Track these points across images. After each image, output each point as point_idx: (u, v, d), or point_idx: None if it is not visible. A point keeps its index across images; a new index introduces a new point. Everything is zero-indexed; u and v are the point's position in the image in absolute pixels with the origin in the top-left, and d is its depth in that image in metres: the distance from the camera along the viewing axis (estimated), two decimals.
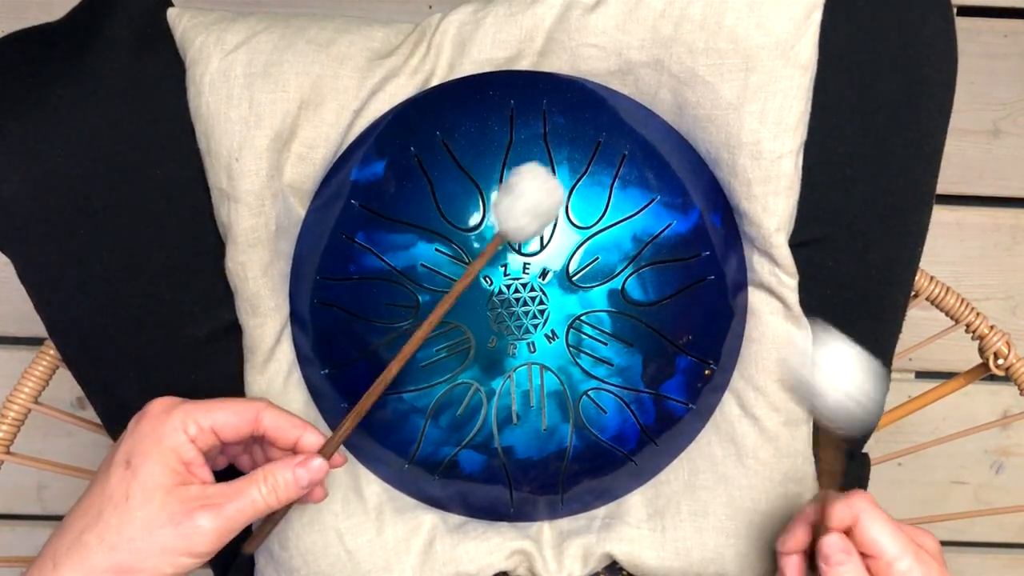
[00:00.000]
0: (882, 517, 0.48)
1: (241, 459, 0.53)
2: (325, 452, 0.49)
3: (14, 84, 0.54)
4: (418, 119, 0.54)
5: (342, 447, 0.52)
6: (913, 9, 0.54)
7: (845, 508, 0.48)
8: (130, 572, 0.44)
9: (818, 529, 0.49)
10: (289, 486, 0.47)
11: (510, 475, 0.56)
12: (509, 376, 0.54)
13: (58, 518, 0.74)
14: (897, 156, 0.56)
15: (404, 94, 0.55)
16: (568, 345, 0.54)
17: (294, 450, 0.49)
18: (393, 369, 0.49)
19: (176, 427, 0.46)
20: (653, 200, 0.54)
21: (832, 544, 0.47)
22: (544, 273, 0.53)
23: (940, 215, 0.99)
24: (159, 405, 0.47)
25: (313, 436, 0.49)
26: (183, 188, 0.55)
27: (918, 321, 0.73)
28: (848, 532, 0.48)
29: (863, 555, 0.48)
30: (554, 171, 0.53)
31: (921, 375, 1.06)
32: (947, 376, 0.72)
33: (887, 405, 0.64)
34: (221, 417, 0.47)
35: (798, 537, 0.50)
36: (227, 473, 0.51)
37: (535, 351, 0.54)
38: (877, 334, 0.60)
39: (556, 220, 0.52)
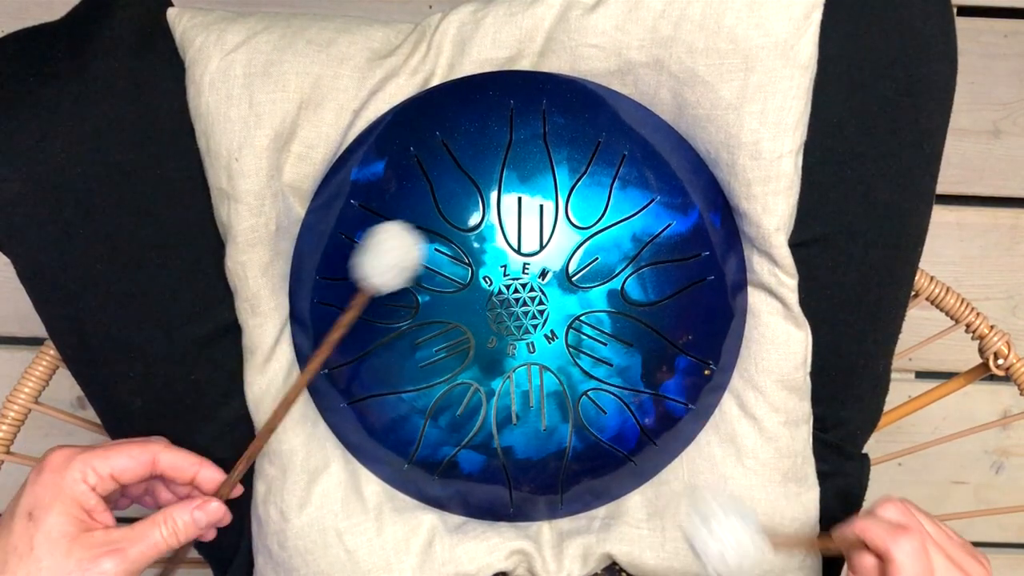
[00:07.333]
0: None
1: (144, 500, 0.56)
2: (221, 493, 0.52)
3: (14, 84, 0.54)
4: (418, 119, 0.54)
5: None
6: (913, 9, 0.54)
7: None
8: None
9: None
10: (188, 527, 0.51)
11: (510, 475, 0.56)
12: (508, 376, 0.54)
13: None
14: (897, 156, 0.56)
15: (404, 94, 0.55)
16: (568, 345, 0.54)
17: (193, 484, 0.53)
18: (290, 397, 0.53)
19: (76, 478, 0.48)
20: (653, 200, 0.53)
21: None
22: (544, 273, 0.53)
23: (940, 215, 0.99)
24: (58, 456, 0.49)
25: (210, 472, 0.53)
26: (183, 188, 0.55)
27: (918, 321, 0.73)
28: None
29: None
30: (554, 171, 0.53)
31: (921, 375, 1.06)
32: (947, 376, 0.72)
33: (887, 405, 0.64)
34: (119, 463, 0.50)
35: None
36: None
37: (535, 351, 0.54)
38: (877, 334, 0.60)
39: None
